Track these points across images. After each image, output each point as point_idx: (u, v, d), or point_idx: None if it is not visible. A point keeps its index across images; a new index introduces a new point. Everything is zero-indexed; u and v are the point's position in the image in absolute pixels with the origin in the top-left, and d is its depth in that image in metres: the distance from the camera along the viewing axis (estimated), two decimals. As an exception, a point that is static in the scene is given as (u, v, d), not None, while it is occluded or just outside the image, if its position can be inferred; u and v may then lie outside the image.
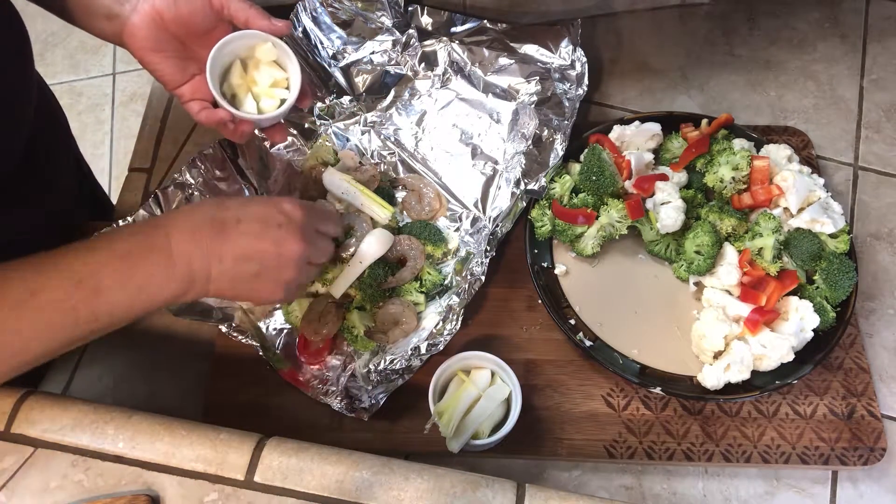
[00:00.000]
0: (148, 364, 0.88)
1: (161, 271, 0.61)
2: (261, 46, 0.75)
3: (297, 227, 0.66)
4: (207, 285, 0.63)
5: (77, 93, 1.80)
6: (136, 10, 0.68)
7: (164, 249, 0.61)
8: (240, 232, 0.63)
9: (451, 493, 0.61)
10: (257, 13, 0.72)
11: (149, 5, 0.68)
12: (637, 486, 0.80)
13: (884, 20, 1.11)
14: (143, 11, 0.68)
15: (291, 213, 0.67)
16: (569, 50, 0.99)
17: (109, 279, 0.58)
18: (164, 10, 0.69)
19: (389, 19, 1.01)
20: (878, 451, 0.79)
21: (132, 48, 0.71)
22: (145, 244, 0.61)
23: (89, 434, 0.65)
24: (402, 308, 0.85)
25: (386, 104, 1.01)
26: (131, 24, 0.69)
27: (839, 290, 0.81)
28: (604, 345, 0.84)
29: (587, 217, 0.86)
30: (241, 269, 0.64)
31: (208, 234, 0.62)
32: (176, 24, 0.70)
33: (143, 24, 0.69)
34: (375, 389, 0.81)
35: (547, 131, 0.94)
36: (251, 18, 0.72)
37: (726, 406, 0.82)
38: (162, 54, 0.71)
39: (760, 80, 1.06)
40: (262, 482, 0.63)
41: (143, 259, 0.60)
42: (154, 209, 0.86)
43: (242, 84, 0.76)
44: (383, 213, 0.88)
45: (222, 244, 0.63)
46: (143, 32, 0.69)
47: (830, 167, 0.99)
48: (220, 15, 0.72)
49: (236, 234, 0.63)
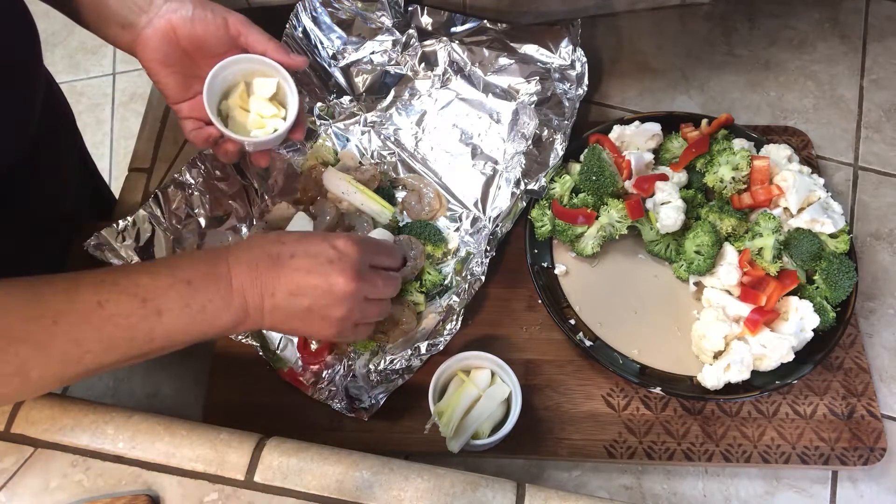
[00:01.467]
0: (148, 364, 0.88)
1: (220, 300, 0.61)
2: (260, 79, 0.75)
3: (348, 263, 0.65)
4: (262, 318, 0.64)
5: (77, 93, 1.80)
6: (152, 22, 0.69)
7: (224, 279, 0.62)
8: (292, 267, 0.64)
9: (451, 493, 0.61)
10: (276, 47, 0.72)
11: (165, 20, 0.69)
12: (637, 486, 0.80)
13: (884, 20, 1.11)
14: (158, 24, 0.69)
15: (344, 249, 0.66)
16: (569, 50, 0.99)
17: (172, 302, 0.59)
18: (179, 26, 0.69)
19: (389, 19, 1.01)
20: (878, 451, 0.79)
21: (142, 58, 0.71)
22: (208, 273, 0.62)
23: (89, 434, 0.65)
24: (402, 308, 0.85)
25: (386, 104, 1.01)
26: (145, 35, 0.69)
27: (839, 290, 0.81)
28: (604, 345, 0.84)
29: (587, 217, 0.86)
30: (292, 305, 0.64)
31: (264, 268, 0.63)
32: (189, 41, 0.70)
33: (156, 37, 0.69)
34: (375, 389, 0.81)
35: (547, 131, 0.94)
36: (269, 52, 0.72)
37: (726, 406, 0.82)
38: (170, 69, 0.72)
39: (760, 80, 1.06)
40: (262, 482, 0.63)
41: (204, 286, 0.61)
42: (154, 209, 0.86)
43: (239, 106, 0.76)
44: (383, 213, 0.88)
45: (275, 279, 0.63)
46: (155, 45, 0.70)
47: (830, 167, 0.99)
48: (236, 41, 0.72)
49: (289, 270, 0.63)
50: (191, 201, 0.89)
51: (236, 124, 0.76)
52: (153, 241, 0.86)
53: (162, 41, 0.69)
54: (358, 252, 0.67)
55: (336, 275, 0.64)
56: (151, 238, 0.86)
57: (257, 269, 0.63)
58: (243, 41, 0.72)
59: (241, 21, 0.72)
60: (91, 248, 0.83)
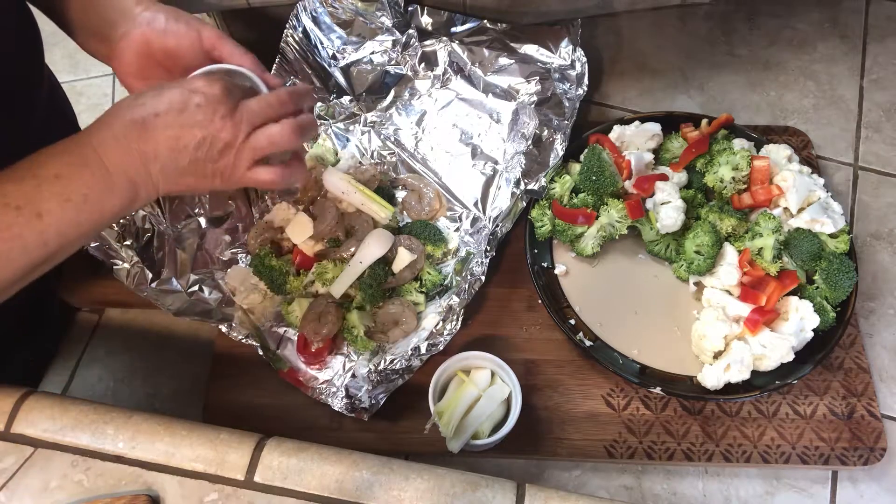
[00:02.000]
0: (148, 364, 0.88)
1: (99, 184, 0.59)
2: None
3: (216, 99, 0.62)
4: (153, 186, 0.62)
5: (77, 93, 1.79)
6: (126, 35, 0.69)
7: (95, 163, 0.59)
8: (164, 125, 0.61)
9: (451, 493, 0.61)
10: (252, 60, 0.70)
11: (139, 33, 0.68)
12: (637, 486, 0.80)
13: (884, 20, 1.11)
14: (132, 37, 0.69)
15: (206, 90, 0.62)
16: (569, 50, 0.99)
17: (48, 201, 0.57)
18: (152, 39, 0.69)
19: (389, 19, 1.01)
20: (878, 451, 0.79)
21: (117, 70, 0.71)
22: (73, 161, 0.59)
23: (89, 434, 0.65)
24: (402, 308, 0.85)
25: (386, 104, 1.01)
26: (119, 48, 0.69)
27: (839, 290, 0.81)
28: (604, 345, 0.84)
29: (587, 217, 0.86)
30: (178, 161, 0.62)
31: (134, 137, 0.60)
32: (162, 54, 0.70)
33: (130, 50, 0.69)
34: (375, 389, 0.81)
35: (547, 131, 0.94)
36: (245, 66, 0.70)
37: (726, 406, 0.82)
38: (144, 82, 0.71)
39: (760, 80, 1.06)
40: (262, 482, 0.63)
41: (77, 176, 0.59)
42: (154, 209, 0.86)
43: None
44: (383, 213, 0.88)
45: (152, 143, 0.60)
46: (129, 58, 0.69)
47: (830, 167, 0.99)
48: (210, 55, 0.71)
49: (161, 128, 0.61)
50: (191, 201, 0.89)
51: None
52: (153, 241, 0.86)
53: (136, 54, 0.69)
54: (220, 88, 0.63)
55: (209, 115, 0.61)
56: (151, 238, 0.86)
57: (127, 141, 0.60)
58: (217, 54, 0.71)
59: (215, 34, 0.71)
60: (91, 248, 0.83)
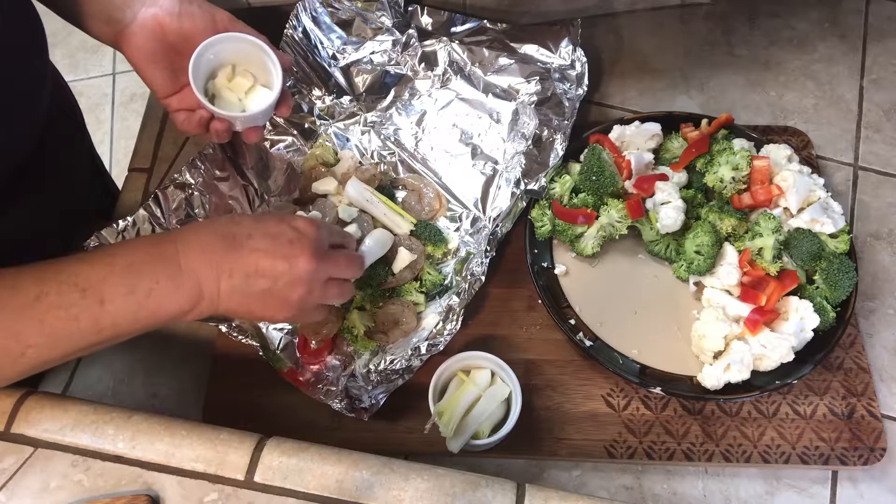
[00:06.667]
0: (148, 364, 0.88)
1: (167, 282, 0.59)
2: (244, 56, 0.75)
3: (308, 242, 0.63)
4: (217, 302, 0.62)
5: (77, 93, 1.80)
6: (137, 18, 0.68)
7: (172, 261, 0.60)
8: (250, 248, 0.61)
9: (451, 493, 0.61)
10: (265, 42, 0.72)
11: (150, 16, 0.68)
12: (637, 486, 0.80)
13: (884, 20, 1.11)
14: (143, 21, 0.68)
15: (303, 229, 0.64)
16: (569, 50, 0.99)
17: (114, 288, 0.57)
18: (166, 22, 0.68)
19: (389, 19, 1.01)
20: (878, 451, 0.79)
21: (127, 54, 0.71)
22: (152, 254, 0.60)
23: (89, 434, 0.65)
24: (402, 308, 0.85)
25: (386, 104, 1.01)
26: (130, 31, 0.69)
27: (839, 290, 0.81)
28: (604, 345, 0.84)
29: (587, 217, 0.86)
30: (251, 286, 0.62)
31: (219, 250, 0.61)
32: (176, 36, 0.69)
33: (142, 33, 0.69)
34: (375, 389, 0.81)
35: (547, 131, 0.94)
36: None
37: (726, 406, 0.82)
38: (157, 65, 0.71)
39: (760, 80, 1.06)
40: (262, 482, 0.63)
41: (149, 269, 0.59)
42: (154, 209, 0.86)
43: (226, 86, 0.76)
44: (405, 225, 0.88)
45: (233, 260, 0.61)
46: (141, 41, 0.69)
47: (830, 167, 0.99)
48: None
49: (247, 251, 0.61)
50: (191, 201, 0.89)
51: (224, 103, 0.76)
52: (153, 241, 0.86)
53: (148, 37, 0.69)
54: (317, 232, 0.65)
55: (297, 255, 0.62)
56: (151, 238, 0.86)
57: (211, 251, 0.60)
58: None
59: (227, 17, 0.71)
60: (91, 248, 0.83)
